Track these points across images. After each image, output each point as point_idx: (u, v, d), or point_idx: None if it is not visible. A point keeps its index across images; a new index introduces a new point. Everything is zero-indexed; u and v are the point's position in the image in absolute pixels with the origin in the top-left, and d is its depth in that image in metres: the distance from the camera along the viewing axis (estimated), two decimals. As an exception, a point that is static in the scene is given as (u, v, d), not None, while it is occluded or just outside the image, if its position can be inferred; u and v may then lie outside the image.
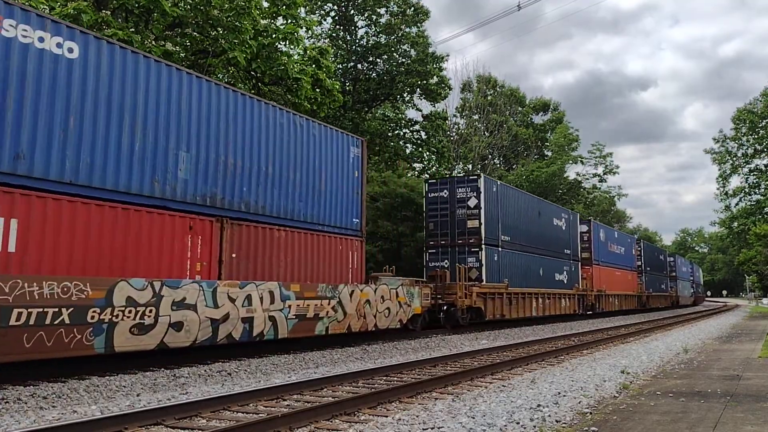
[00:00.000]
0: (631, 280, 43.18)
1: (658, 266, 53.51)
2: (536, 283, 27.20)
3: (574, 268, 32.44)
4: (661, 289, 53.46)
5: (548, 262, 28.78)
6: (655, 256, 53.60)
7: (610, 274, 38.03)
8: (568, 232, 32.06)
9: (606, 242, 38.33)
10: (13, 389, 8.58)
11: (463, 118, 54.15)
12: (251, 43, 17.98)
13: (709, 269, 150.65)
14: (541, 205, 29.62)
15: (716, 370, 11.19)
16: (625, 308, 39.96)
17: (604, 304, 35.59)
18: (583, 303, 32.42)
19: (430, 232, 24.07)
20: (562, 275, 30.44)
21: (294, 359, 12.72)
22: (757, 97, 52.98)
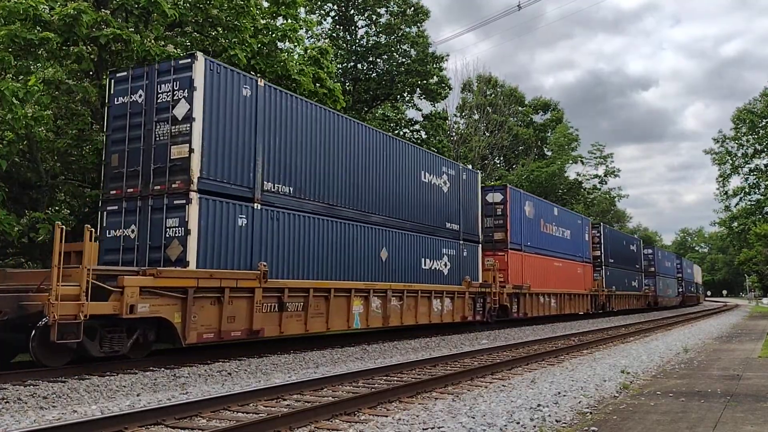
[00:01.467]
0: (583, 274, 33.29)
1: (627, 259, 43.82)
2: (369, 272, 16.51)
3: (470, 253, 21.88)
4: (632, 287, 44.12)
5: (405, 240, 18.14)
6: (623, 245, 43.63)
7: (544, 266, 28.06)
8: (455, 196, 21.34)
9: (536, 220, 28.06)
10: (13, 389, 8.58)
11: (463, 118, 54.17)
12: (251, 42, 17.98)
13: (709, 269, 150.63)
14: (393, 144, 18.46)
15: (716, 369, 11.19)
16: (568, 311, 30.56)
17: (527, 307, 25.54)
18: (481, 305, 21.93)
19: (113, 170, 12.94)
20: (440, 263, 19.78)
21: (294, 359, 12.72)
22: (756, 97, 53.00)
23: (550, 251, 29.22)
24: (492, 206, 25.48)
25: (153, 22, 17.15)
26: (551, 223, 29.91)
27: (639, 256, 48.28)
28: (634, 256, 46.40)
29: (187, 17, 17.37)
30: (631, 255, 45.18)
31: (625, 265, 42.98)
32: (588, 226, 36.11)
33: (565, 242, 31.32)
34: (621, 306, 40.42)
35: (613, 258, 40.01)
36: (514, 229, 25.62)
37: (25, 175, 15.96)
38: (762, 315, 40.43)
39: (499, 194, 25.58)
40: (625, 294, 41.64)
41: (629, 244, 45.94)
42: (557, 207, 32.21)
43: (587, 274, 34.23)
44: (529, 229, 27.18)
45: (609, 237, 40.16)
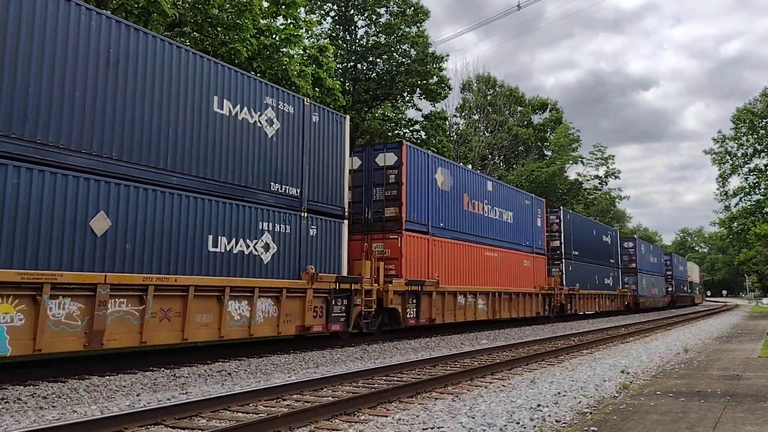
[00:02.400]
0: (532, 268, 27.03)
1: (597, 252, 37.43)
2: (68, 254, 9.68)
3: (324, 232, 15.06)
4: (604, 285, 37.89)
5: (165, 203, 11.29)
6: (592, 236, 36.74)
7: (466, 255, 21.39)
8: (294, 145, 14.45)
9: (455, 195, 21.01)
10: (13, 389, 8.59)
11: (463, 118, 54.18)
12: (252, 41, 18.00)
13: (709, 269, 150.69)
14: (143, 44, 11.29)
15: (716, 369, 11.19)
16: (508, 315, 24.31)
17: (434, 310, 18.81)
18: (343, 309, 15.42)
19: None
20: (255, 243, 13.05)
21: (294, 359, 12.72)
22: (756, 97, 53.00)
23: (479, 237, 22.35)
24: (383, 172, 18.12)
25: (153, 22, 17.17)
26: (481, 201, 22.90)
27: (614, 250, 41.70)
28: (608, 249, 39.97)
29: (186, 17, 17.38)
30: (603, 247, 38.71)
31: (595, 259, 36.71)
32: (541, 209, 29.01)
33: (504, 227, 24.66)
34: (588, 308, 34.51)
35: (578, 250, 33.55)
36: (414, 204, 18.41)
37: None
38: (762, 315, 40.44)
39: (392, 155, 18.12)
40: (593, 294, 35.41)
41: (601, 235, 38.97)
42: (492, 181, 24.53)
43: (539, 268, 27.70)
44: (443, 205, 20.09)
45: (572, 224, 33.21)
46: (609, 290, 38.87)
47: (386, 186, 18.16)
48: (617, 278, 41.36)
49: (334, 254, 15.41)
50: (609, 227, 44.09)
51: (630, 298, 43.13)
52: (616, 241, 42.70)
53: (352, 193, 17.86)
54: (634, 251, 46.08)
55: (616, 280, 40.92)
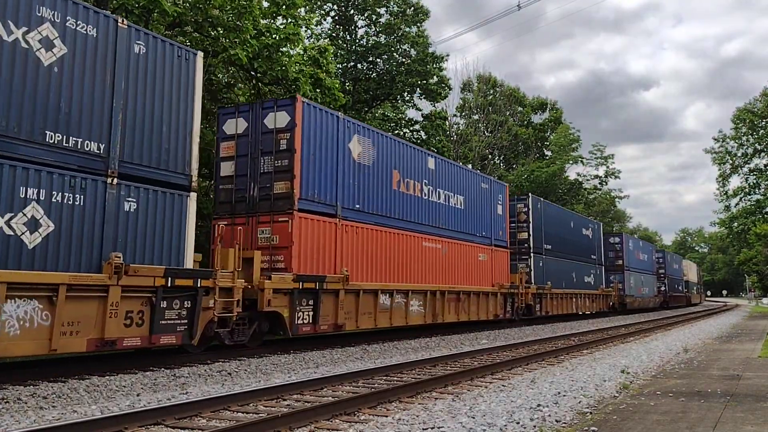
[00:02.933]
0: (490, 263, 23.04)
1: (576, 246, 33.18)
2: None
3: (167, 210, 11.23)
4: (584, 283, 33.84)
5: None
6: (569, 228, 32.38)
7: (395, 246, 17.51)
8: (85, 83, 10.18)
9: (380, 170, 17.26)
10: (13, 389, 8.59)
11: (463, 118, 54.19)
12: (252, 42, 18.01)
13: (709, 269, 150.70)
14: None
15: (716, 369, 11.19)
16: (456, 318, 20.40)
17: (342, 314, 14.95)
18: (188, 315, 11.19)
19: None
20: (21, 216, 9.06)
21: (294, 359, 12.72)
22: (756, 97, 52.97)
23: (415, 224, 18.48)
24: (272, 136, 14.38)
25: (153, 22, 17.17)
26: (419, 181, 18.86)
27: (596, 245, 37.30)
28: (589, 243, 35.72)
29: (186, 17, 17.39)
30: (582, 242, 34.52)
31: (573, 254, 32.46)
32: (503, 195, 24.88)
33: (452, 213, 20.68)
34: (564, 308, 30.06)
35: (552, 244, 29.24)
36: (314, 178, 14.63)
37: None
38: (762, 315, 40.44)
39: (284, 114, 14.30)
40: (570, 293, 31.08)
41: (581, 228, 34.56)
42: (436, 157, 20.42)
43: (500, 263, 23.75)
44: (362, 182, 16.27)
45: (545, 214, 28.86)
46: (590, 289, 34.61)
47: (276, 154, 14.33)
48: (600, 276, 37.27)
49: (171, 239, 11.24)
50: (590, 220, 38.76)
51: (615, 298, 39.30)
52: (599, 235, 38.24)
53: (236, 164, 14.78)
54: (621, 247, 42.12)
55: (598, 279, 36.80)
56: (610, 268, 40.85)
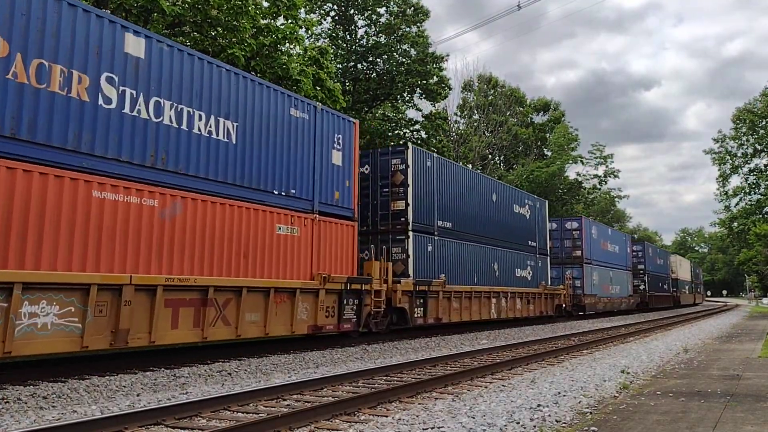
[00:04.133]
0: (300, 240, 14.24)
1: (503, 228, 24.82)
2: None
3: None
4: (517, 279, 25.60)
5: None
6: (487, 202, 23.85)
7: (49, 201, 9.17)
8: None
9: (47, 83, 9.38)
10: (13, 389, 8.58)
11: (464, 118, 54.21)
12: (250, 42, 18.02)
13: (709, 269, 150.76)
14: None
15: (716, 369, 11.19)
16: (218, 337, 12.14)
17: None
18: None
19: None
20: None
21: (294, 359, 12.72)
22: (756, 97, 52.98)
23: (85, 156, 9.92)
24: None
25: (153, 22, 17.18)
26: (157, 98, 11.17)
27: (538, 228, 28.51)
28: (524, 225, 27.02)
29: (185, 17, 17.40)
30: (512, 222, 25.70)
31: (497, 238, 24.04)
32: (345, 135, 16.17)
33: (202, 147, 11.99)
34: (472, 314, 21.26)
35: (452, 220, 20.87)
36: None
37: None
38: (762, 315, 40.45)
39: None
40: (485, 291, 22.26)
41: (511, 203, 25.80)
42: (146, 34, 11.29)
43: (334, 242, 15.35)
44: None
45: (438, 178, 20.12)
46: (525, 286, 26.24)
47: None
48: (543, 269, 28.74)
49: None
50: (529, 194, 29.08)
51: (566, 299, 30.72)
52: (542, 216, 29.24)
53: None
54: (580, 235, 34.09)
55: (540, 273, 28.29)
56: (566, 261, 34.14)
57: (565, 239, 34.90)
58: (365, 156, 19.16)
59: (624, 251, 43.48)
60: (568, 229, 35.04)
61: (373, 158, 19.16)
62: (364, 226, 18.50)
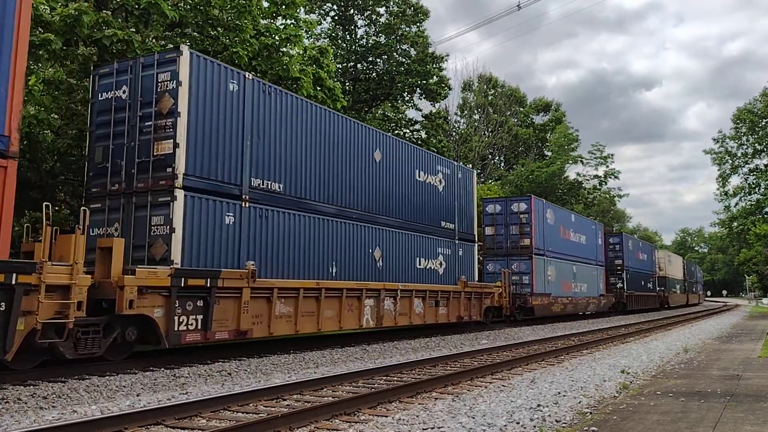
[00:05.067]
0: None
1: (386, 199, 18.03)
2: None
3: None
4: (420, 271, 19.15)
5: None
6: (352, 153, 16.60)
7: None
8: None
9: None
10: (13, 389, 8.59)
11: (464, 118, 54.24)
12: (252, 42, 18.02)
13: (709, 269, 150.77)
14: None
15: (716, 369, 11.19)
16: None
17: None
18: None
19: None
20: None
21: (294, 359, 12.72)
22: (756, 97, 53.01)
23: None
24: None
25: (153, 23, 17.17)
26: None
27: (460, 206, 21.78)
28: (434, 199, 20.38)
29: (187, 18, 17.39)
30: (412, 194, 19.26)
31: (379, 213, 17.66)
32: None
33: None
34: (307, 323, 14.14)
35: (288, 181, 14.40)
36: None
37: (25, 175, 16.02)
38: (762, 315, 40.45)
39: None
40: (335, 289, 15.19)
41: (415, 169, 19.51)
42: None
43: None
44: None
45: (254, 107, 13.46)
46: (434, 282, 19.59)
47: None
48: (467, 261, 21.71)
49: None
50: (446, 159, 22.13)
51: (504, 299, 23.44)
52: (467, 190, 22.35)
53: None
54: (529, 219, 27.34)
55: (462, 265, 21.29)
56: (512, 252, 27.53)
57: (510, 224, 27.72)
58: (123, 71, 12.45)
59: (593, 243, 36.27)
60: (514, 212, 27.44)
61: (135, 72, 12.33)
62: (114, 184, 12.22)
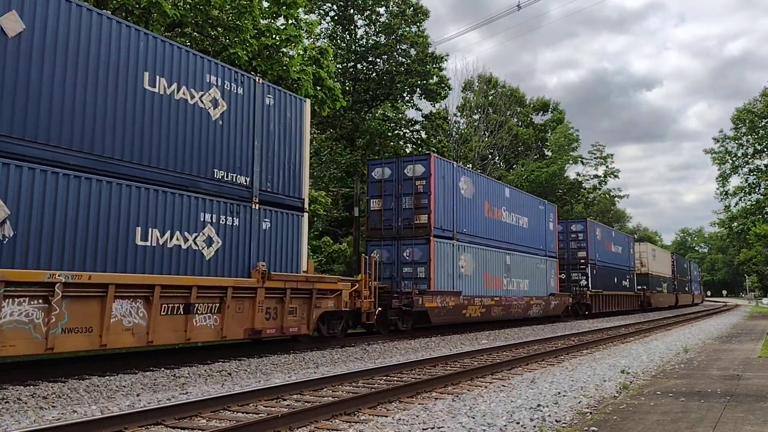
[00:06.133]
0: None
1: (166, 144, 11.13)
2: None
3: None
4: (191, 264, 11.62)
5: None
6: None
7: None
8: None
9: None
10: (13, 389, 8.59)
11: (464, 118, 54.23)
12: (252, 42, 18.01)
13: (709, 269, 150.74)
14: None
15: (716, 369, 11.19)
16: None
17: None
18: None
19: None
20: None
21: (294, 359, 12.72)
22: (756, 97, 53.01)
23: None
24: None
25: (153, 22, 17.17)
26: None
27: (254, 145, 13.32)
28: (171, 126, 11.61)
29: (187, 17, 17.39)
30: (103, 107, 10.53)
31: None
32: None
33: None
34: None
35: None
36: None
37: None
38: (762, 315, 40.46)
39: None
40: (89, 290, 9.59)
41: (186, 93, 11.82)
42: None
43: None
44: None
45: None
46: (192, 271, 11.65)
47: None
48: (280, 239, 13.91)
49: None
50: (223, 65, 12.95)
51: (365, 301, 16.20)
52: (288, 120, 14.44)
53: None
54: (427, 188, 19.51)
55: (267, 244, 13.54)
56: (403, 235, 19.71)
57: (403, 195, 19.94)
58: None
59: (540, 227, 27.77)
60: (408, 178, 19.89)
61: None
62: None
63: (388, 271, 19.68)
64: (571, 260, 34.50)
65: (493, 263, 23.32)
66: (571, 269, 34.33)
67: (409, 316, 19.02)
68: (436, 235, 19.67)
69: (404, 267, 19.60)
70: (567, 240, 34.57)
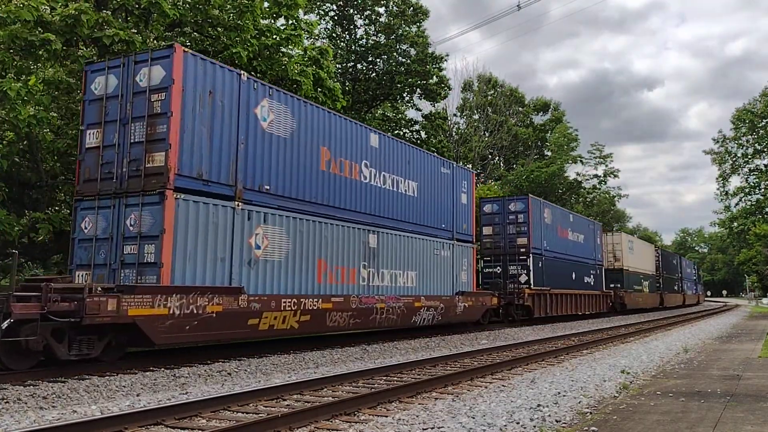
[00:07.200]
0: None
1: None
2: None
3: None
4: None
5: None
6: None
7: None
8: None
9: None
10: (13, 389, 8.59)
11: (464, 118, 54.25)
12: (253, 42, 18.00)
13: (709, 269, 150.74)
14: None
15: (716, 369, 11.19)
16: None
17: None
18: None
19: None
20: None
21: (294, 359, 12.73)
22: (756, 97, 53.04)
23: None
24: None
25: (153, 22, 17.17)
26: None
27: None
28: None
29: (186, 17, 17.38)
30: None
31: None
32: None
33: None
34: None
35: None
36: None
37: (25, 175, 16.05)
38: (762, 315, 40.46)
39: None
40: None
41: None
42: None
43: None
44: None
45: None
46: None
47: None
48: None
49: None
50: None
51: None
52: None
53: None
54: (168, 105, 11.47)
55: None
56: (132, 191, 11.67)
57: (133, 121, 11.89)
58: None
59: (443, 198, 20.80)
60: (141, 90, 12.14)
61: None
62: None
63: (103, 252, 11.68)
64: (509, 249, 26.96)
65: (338, 245, 15.46)
66: (509, 261, 26.86)
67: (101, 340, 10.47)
68: (182, 187, 11.55)
69: (127, 245, 11.52)
70: (504, 223, 27.32)
